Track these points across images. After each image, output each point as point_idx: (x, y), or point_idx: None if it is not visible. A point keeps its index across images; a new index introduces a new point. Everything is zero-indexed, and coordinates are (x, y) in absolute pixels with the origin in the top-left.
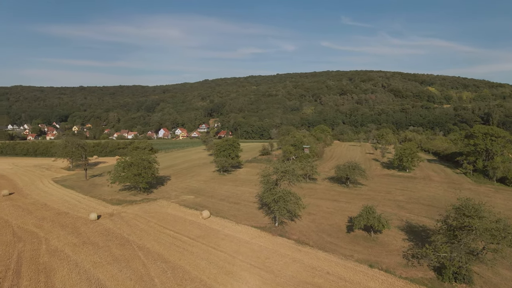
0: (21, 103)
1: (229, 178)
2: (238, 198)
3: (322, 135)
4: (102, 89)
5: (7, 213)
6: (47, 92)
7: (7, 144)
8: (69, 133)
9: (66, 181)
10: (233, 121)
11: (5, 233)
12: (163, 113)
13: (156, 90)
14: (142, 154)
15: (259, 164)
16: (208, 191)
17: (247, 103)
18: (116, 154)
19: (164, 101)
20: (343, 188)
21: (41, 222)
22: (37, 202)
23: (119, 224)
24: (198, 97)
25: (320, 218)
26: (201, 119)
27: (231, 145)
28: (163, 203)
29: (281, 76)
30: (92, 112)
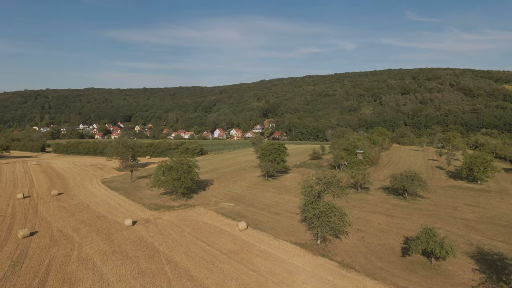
0: (91, 104)
1: (273, 185)
2: (280, 207)
3: (379, 138)
4: (164, 90)
5: (51, 215)
6: (114, 94)
7: (71, 143)
8: (131, 132)
9: (113, 182)
10: (288, 121)
11: (44, 236)
12: (219, 114)
13: (213, 91)
14: (182, 158)
15: (308, 169)
16: (249, 199)
17: (302, 103)
18: (167, 154)
19: (221, 102)
20: (400, 200)
21: (79, 226)
22: (81, 204)
23: (152, 232)
24: (254, 98)
25: (370, 236)
26: (256, 120)
27: (277, 149)
28: (201, 210)
29: (339, 76)
30: (153, 113)
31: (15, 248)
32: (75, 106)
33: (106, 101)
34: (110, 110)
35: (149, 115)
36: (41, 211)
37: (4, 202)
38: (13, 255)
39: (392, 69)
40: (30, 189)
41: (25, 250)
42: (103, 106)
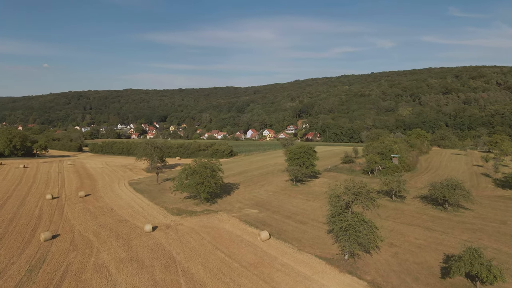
0: (129, 105)
1: (301, 190)
2: (307, 216)
3: (417, 141)
4: (198, 91)
5: (75, 217)
6: (151, 95)
7: (106, 143)
8: (165, 132)
9: (139, 184)
10: (321, 122)
11: (65, 239)
12: (252, 114)
13: (247, 91)
14: (205, 161)
15: (339, 174)
16: (274, 205)
17: (337, 104)
18: (197, 156)
19: (254, 102)
20: (440, 211)
21: (100, 230)
22: (106, 206)
23: (171, 239)
24: (287, 98)
25: (405, 253)
26: (289, 120)
27: (306, 152)
28: (223, 216)
29: (375, 75)
30: (187, 113)
31: (35, 252)
32: (114, 107)
33: (143, 101)
34: (147, 110)
35: (183, 115)
36: (66, 213)
37: (33, 203)
38: (32, 259)
39: (433, 68)
40: (60, 189)
41: (45, 254)
42: (140, 106)
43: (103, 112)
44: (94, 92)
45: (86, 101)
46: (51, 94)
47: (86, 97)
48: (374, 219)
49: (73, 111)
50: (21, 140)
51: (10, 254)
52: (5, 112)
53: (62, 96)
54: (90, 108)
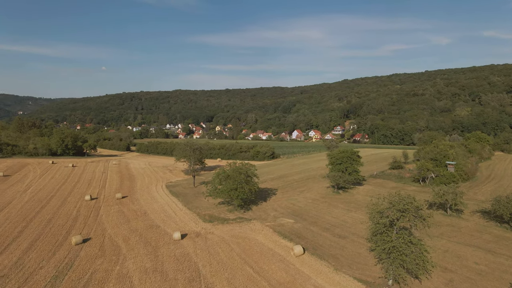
0: (178, 105)
1: (343, 199)
2: (347, 229)
3: (477, 146)
4: (245, 91)
5: (109, 220)
6: (199, 95)
7: (152, 143)
8: (211, 132)
9: (176, 186)
10: (370, 123)
11: (95, 244)
12: (298, 114)
13: (294, 91)
14: (240, 165)
15: (386, 181)
16: (312, 215)
17: (387, 104)
18: (237, 157)
19: (300, 102)
20: (505, 231)
21: (130, 235)
22: (140, 210)
23: (199, 249)
24: (335, 98)
25: (462, 280)
26: (336, 121)
27: (349, 157)
28: (257, 226)
29: (430, 73)
30: (233, 113)
31: (64, 256)
32: (164, 107)
33: (191, 102)
34: (194, 110)
35: (229, 115)
36: (101, 215)
37: (73, 203)
38: (60, 265)
39: (496, 65)
40: (100, 190)
41: (73, 259)
42: (188, 106)
43: (153, 112)
44: (145, 93)
45: (138, 101)
46: (107, 95)
47: (138, 98)
48: (424, 237)
49: (126, 111)
50: (72, 139)
51: (41, 257)
52: (66, 112)
53: (117, 97)
54: (141, 108)
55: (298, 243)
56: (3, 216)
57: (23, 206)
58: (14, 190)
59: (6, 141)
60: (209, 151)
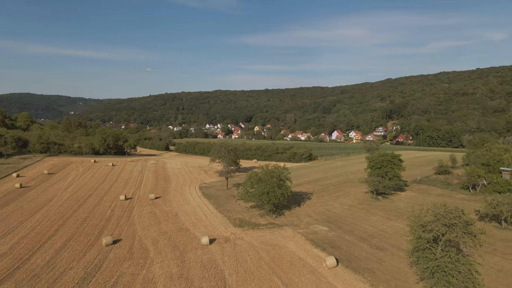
0: (217, 106)
1: (382, 206)
2: (386, 240)
3: None
4: (284, 91)
5: (140, 221)
6: (238, 95)
7: (189, 143)
8: (250, 132)
9: (209, 188)
10: (414, 124)
11: (125, 245)
12: (338, 115)
13: (334, 91)
14: (272, 169)
15: (431, 187)
16: (348, 223)
17: (433, 104)
18: (273, 159)
19: (341, 102)
20: None
21: (159, 238)
22: (171, 211)
23: (227, 256)
24: (377, 98)
25: None
26: (378, 121)
27: (390, 161)
28: (288, 232)
29: (481, 71)
30: (272, 113)
31: (94, 257)
32: (204, 107)
33: (230, 102)
34: (234, 111)
35: (268, 115)
36: (133, 216)
37: (108, 203)
38: (89, 266)
39: None
40: (135, 190)
41: (102, 261)
42: (227, 107)
43: (193, 112)
44: (186, 93)
45: (179, 102)
46: (150, 95)
47: (180, 98)
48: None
49: (168, 111)
50: (113, 139)
51: (72, 257)
52: (112, 112)
53: (159, 98)
54: (182, 108)
55: (331, 253)
56: (42, 214)
57: (62, 204)
58: (56, 188)
59: (54, 140)
60: (245, 152)
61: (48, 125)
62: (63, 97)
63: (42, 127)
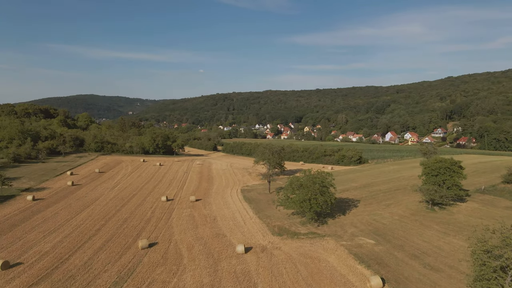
0: (267, 106)
1: (438, 218)
2: (442, 259)
3: None
4: (336, 91)
5: (178, 224)
6: (288, 96)
7: (236, 143)
8: (299, 133)
9: (251, 191)
10: (478, 125)
11: (160, 250)
12: (392, 115)
13: (389, 91)
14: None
15: (498, 198)
16: (398, 236)
17: (501, 104)
18: (321, 161)
19: (396, 102)
20: None
21: (195, 243)
22: (210, 215)
23: (262, 268)
24: (436, 97)
25: None
26: (437, 123)
27: (448, 168)
28: (330, 244)
29: None
30: (323, 114)
31: (129, 261)
32: (254, 108)
33: (280, 102)
34: (283, 111)
35: (318, 116)
36: (172, 218)
37: (150, 203)
38: (123, 270)
39: None
40: (178, 191)
41: (136, 265)
42: (277, 107)
43: (243, 112)
44: (237, 94)
45: (230, 102)
46: (202, 96)
47: (230, 99)
48: None
49: (218, 112)
50: (162, 139)
51: (108, 259)
52: (166, 112)
53: (211, 98)
54: (233, 109)
55: (377, 271)
56: (87, 213)
57: (107, 203)
58: (104, 187)
59: (108, 139)
60: (291, 154)
61: (105, 124)
62: (123, 98)
63: (100, 126)
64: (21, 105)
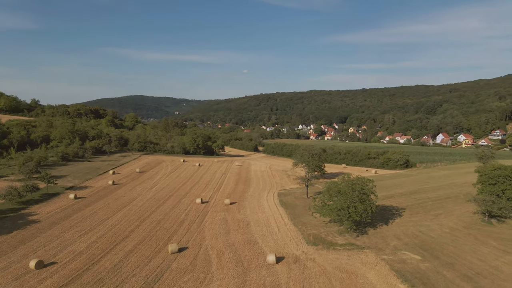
0: (311, 106)
1: (496, 233)
2: (500, 282)
3: None
4: (383, 90)
5: (210, 229)
6: (333, 95)
7: (277, 144)
8: (343, 134)
9: (288, 195)
10: None
11: (189, 255)
12: (444, 116)
13: (440, 90)
14: (354, 180)
15: None
16: (448, 252)
17: None
18: (364, 164)
19: (448, 102)
20: None
21: (225, 250)
22: (244, 220)
23: (293, 281)
24: (494, 96)
25: None
26: (495, 124)
27: (509, 177)
28: (369, 257)
29: None
30: (369, 114)
31: (157, 266)
32: (297, 108)
33: (324, 102)
34: (327, 111)
35: (364, 116)
36: (205, 222)
37: (185, 205)
38: (150, 275)
39: None
40: (214, 193)
41: (164, 270)
42: (321, 107)
43: (287, 112)
44: (280, 94)
45: (273, 102)
46: (246, 96)
47: (274, 99)
48: None
49: (262, 112)
50: (203, 139)
51: (137, 263)
52: (210, 113)
53: (254, 98)
54: (276, 109)
55: None
56: (123, 213)
57: (143, 204)
58: (142, 187)
59: (151, 139)
60: (333, 156)
61: (150, 125)
62: (169, 99)
63: (145, 126)
64: (74, 106)
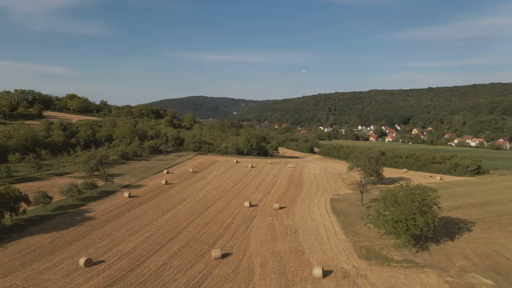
0: (372, 106)
1: None
2: None
3: None
4: (452, 89)
5: (256, 235)
6: (395, 95)
7: (334, 146)
8: (406, 136)
9: (341, 201)
10: None
11: (232, 262)
12: None
13: None
14: (414, 188)
15: None
16: None
17: None
18: (428, 170)
19: None
20: None
21: (269, 258)
22: (292, 226)
23: None
24: None
25: None
26: None
27: None
28: (431, 279)
29: None
30: (435, 115)
31: (199, 271)
32: (357, 108)
33: (386, 102)
34: (389, 111)
35: (430, 117)
36: (252, 227)
37: (233, 208)
38: (191, 281)
39: None
40: (263, 196)
41: (205, 277)
42: (382, 107)
43: (345, 113)
44: (339, 93)
45: (332, 102)
46: (303, 96)
47: (332, 99)
48: None
49: (319, 112)
50: (257, 140)
51: (180, 267)
52: (267, 113)
53: (312, 98)
54: (334, 109)
55: None
56: (172, 214)
57: (193, 205)
58: (194, 187)
59: (206, 139)
60: (393, 159)
61: (207, 125)
62: (228, 99)
63: (202, 126)
64: (138, 107)
